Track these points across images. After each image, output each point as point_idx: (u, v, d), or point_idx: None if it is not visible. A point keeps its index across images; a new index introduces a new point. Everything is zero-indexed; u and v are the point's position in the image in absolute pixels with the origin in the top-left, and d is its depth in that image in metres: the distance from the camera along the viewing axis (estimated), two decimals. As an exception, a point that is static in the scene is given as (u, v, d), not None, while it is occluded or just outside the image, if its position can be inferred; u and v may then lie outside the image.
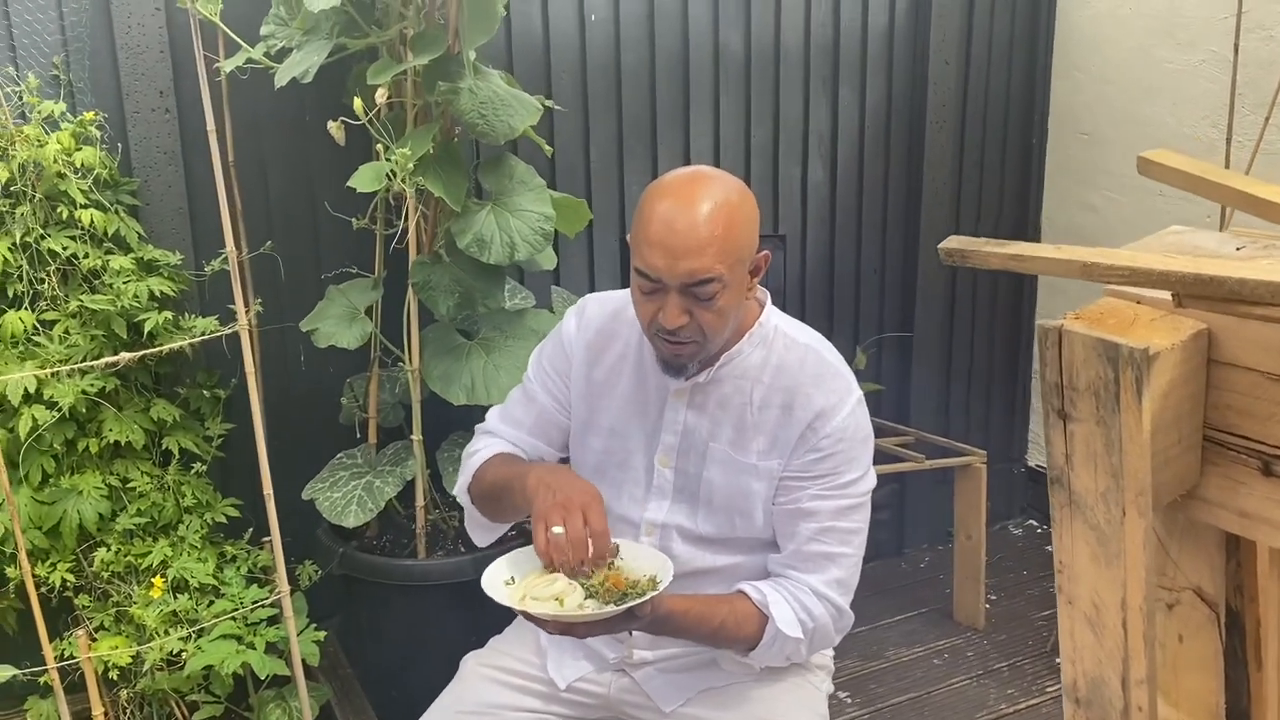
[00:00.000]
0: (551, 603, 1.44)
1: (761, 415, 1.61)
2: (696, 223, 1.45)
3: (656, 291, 1.49)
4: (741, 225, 1.49)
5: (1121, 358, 0.96)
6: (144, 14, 2.27)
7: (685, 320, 1.49)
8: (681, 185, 1.50)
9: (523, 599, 1.46)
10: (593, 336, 1.71)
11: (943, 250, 1.11)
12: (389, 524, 2.47)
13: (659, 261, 1.46)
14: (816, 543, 1.59)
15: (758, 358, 1.62)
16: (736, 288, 1.51)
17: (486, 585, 1.49)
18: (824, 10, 3.01)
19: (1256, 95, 2.72)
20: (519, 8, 2.62)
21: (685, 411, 1.64)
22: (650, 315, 1.52)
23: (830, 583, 1.60)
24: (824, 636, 1.63)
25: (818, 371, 1.60)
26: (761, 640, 1.58)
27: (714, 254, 1.45)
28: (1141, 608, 1.05)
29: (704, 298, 1.48)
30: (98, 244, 2.21)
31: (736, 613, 1.58)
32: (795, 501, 1.60)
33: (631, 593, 1.44)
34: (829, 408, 1.58)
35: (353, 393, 2.49)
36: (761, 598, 1.59)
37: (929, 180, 3.22)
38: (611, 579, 1.46)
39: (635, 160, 2.85)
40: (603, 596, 1.45)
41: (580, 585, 1.46)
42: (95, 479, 2.16)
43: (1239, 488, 1.03)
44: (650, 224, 1.47)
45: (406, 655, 2.38)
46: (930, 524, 3.51)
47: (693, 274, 1.45)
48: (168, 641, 2.06)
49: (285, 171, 2.51)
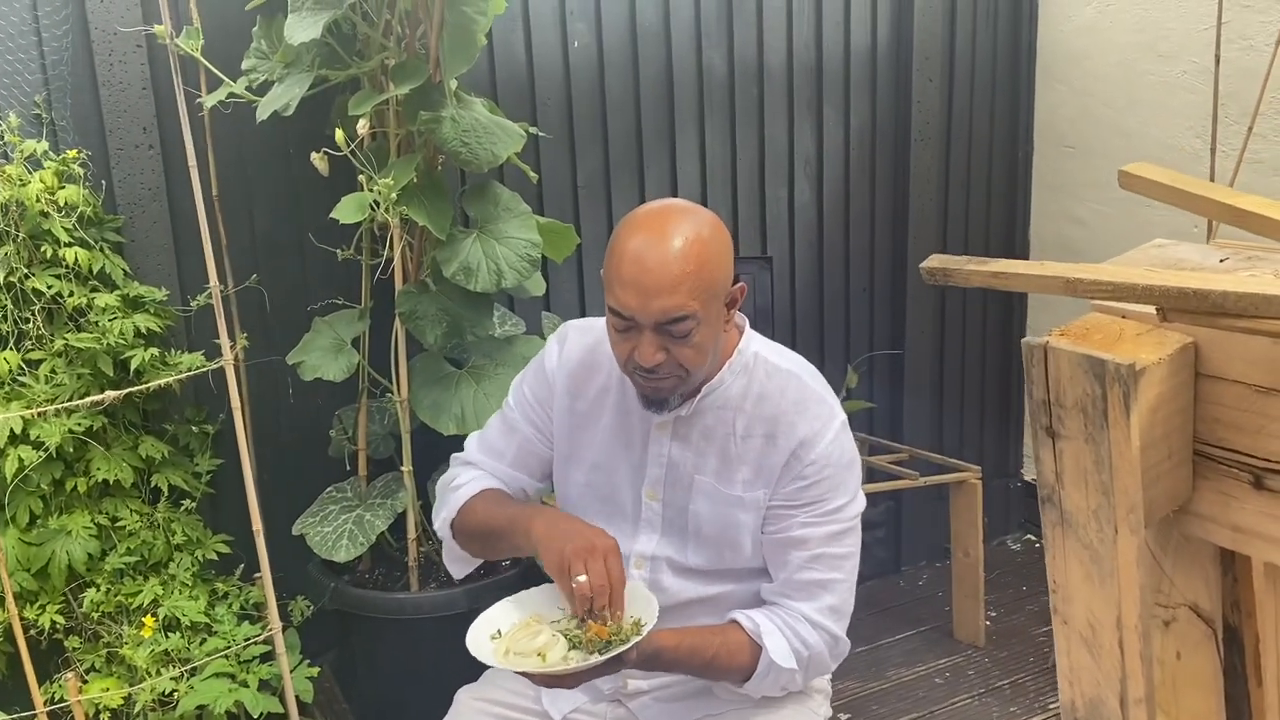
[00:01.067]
0: (534, 658, 1.43)
1: (745, 445, 1.59)
2: (668, 259, 1.42)
3: (631, 330, 1.47)
4: (714, 259, 1.47)
5: (1108, 373, 0.95)
6: (125, 50, 2.27)
7: (661, 358, 1.47)
8: (652, 221, 1.47)
9: (506, 654, 1.45)
10: (575, 367, 1.68)
11: (924, 270, 1.11)
12: (381, 557, 2.45)
13: (631, 300, 1.44)
14: (808, 570, 1.57)
15: (739, 387, 1.60)
16: (712, 322, 1.49)
17: (472, 645, 1.47)
18: (806, 31, 3.01)
19: (1239, 105, 2.73)
20: (501, 36, 2.62)
21: (669, 444, 1.62)
22: (626, 353, 1.50)
23: (824, 610, 1.58)
24: (819, 664, 1.61)
25: (799, 398, 1.58)
26: (756, 671, 1.57)
27: (687, 291, 1.43)
28: (1137, 626, 1.04)
29: (679, 335, 1.46)
30: (83, 282, 2.20)
31: (729, 644, 1.56)
32: (785, 530, 1.58)
33: (615, 639, 1.43)
34: (812, 435, 1.56)
35: (341, 425, 2.48)
36: (755, 627, 1.57)
37: (915, 198, 3.22)
38: (594, 628, 1.44)
39: (622, 184, 2.85)
40: (587, 646, 1.43)
41: (564, 637, 1.45)
42: (84, 518, 2.14)
43: (1231, 502, 1.02)
44: (622, 262, 1.45)
45: (401, 689, 2.36)
46: (927, 541, 3.50)
47: (666, 312, 1.43)
48: (159, 681, 2.04)
49: (270, 204, 2.51)
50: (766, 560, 1.63)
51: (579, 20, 2.71)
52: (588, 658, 1.41)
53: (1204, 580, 1.12)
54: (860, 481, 1.63)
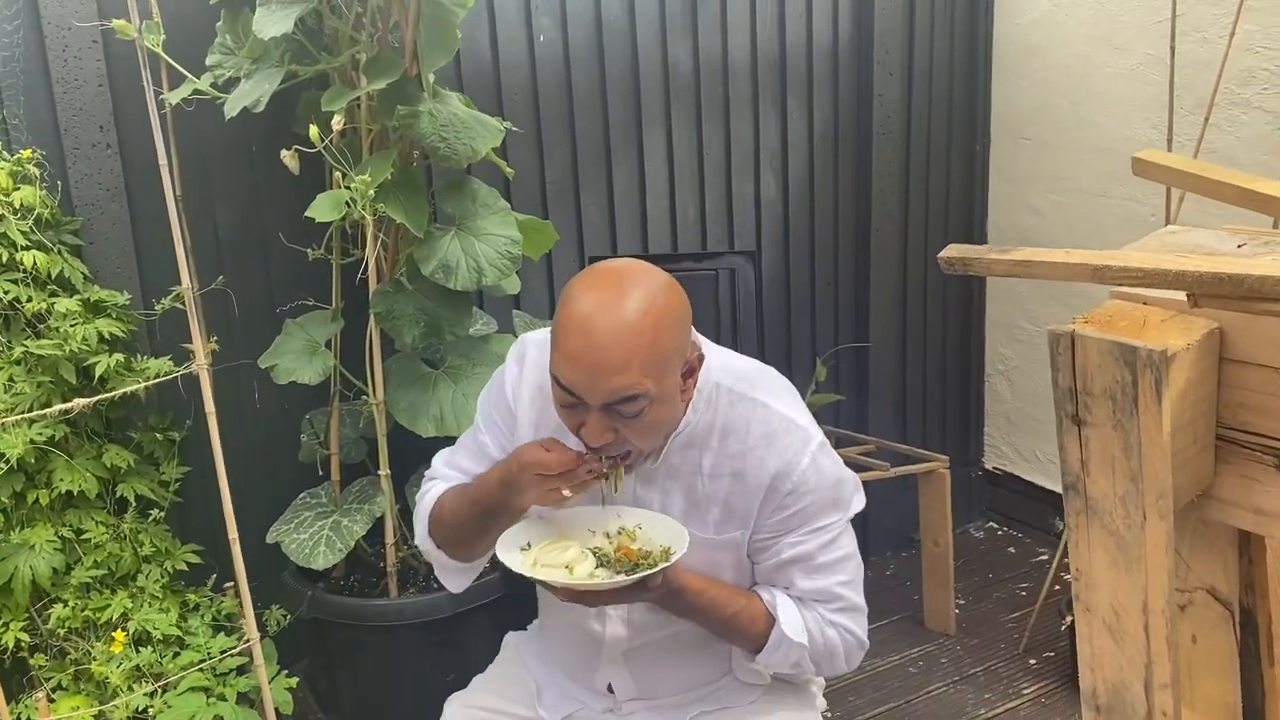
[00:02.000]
0: (561, 570, 1.42)
1: (713, 485, 1.51)
2: (617, 336, 1.31)
3: (577, 406, 1.37)
4: (669, 331, 1.36)
5: (1139, 360, 0.95)
6: (80, 46, 2.19)
7: (610, 438, 1.37)
8: (602, 289, 1.36)
9: (534, 564, 1.44)
10: (534, 391, 1.57)
11: (943, 260, 1.10)
12: (357, 563, 2.40)
13: (579, 379, 1.34)
14: (812, 580, 1.55)
15: (704, 424, 1.51)
16: (667, 399, 1.39)
17: (500, 551, 1.45)
18: (769, 26, 3.01)
19: (1194, 96, 2.78)
20: (467, 30, 2.58)
21: (634, 485, 1.54)
22: (573, 426, 1.40)
23: (838, 610, 1.57)
24: (833, 659, 1.59)
25: (766, 430, 1.49)
26: (768, 642, 1.55)
27: (638, 369, 1.32)
28: (1164, 611, 1.04)
29: (629, 414, 1.35)
30: (41, 286, 2.12)
31: (751, 608, 1.54)
32: (777, 554, 1.54)
33: (644, 563, 1.42)
34: (784, 467, 1.48)
35: (313, 429, 2.42)
36: (772, 600, 1.55)
37: (878, 191, 3.24)
38: (624, 549, 1.43)
39: (591, 179, 2.83)
40: (614, 566, 1.42)
41: (592, 554, 1.44)
42: (47, 531, 2.07)
43: (1254, 485, 1.03)
44: (568, 335, 1.34)
45: (382, 698, 2.31)
46: (893, 532, 3.52)
47: (615, 393, 1.33)
48: (133, 698, 1.97)
49: (234, 204, 2.44)
50: (768, 580, 1.58)
51: (544, 15, 2.68)
52: (614, 576, 1.39)
53: (1221, 564, 1.13)
54: (855, 490, 1.58)
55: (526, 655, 1.80)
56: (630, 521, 1.51)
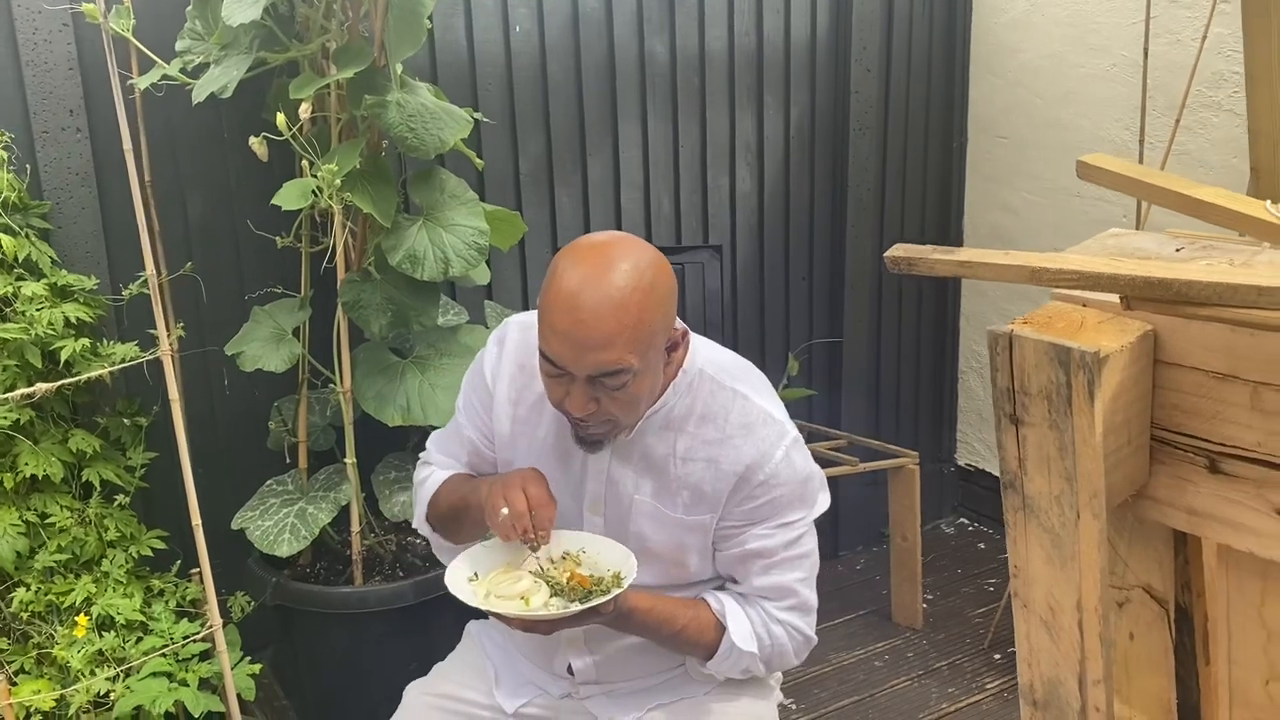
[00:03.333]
0: (517, 601, 1.44)
1: (685, 468, 1.54)
2: (603, 313, 1.34)
3: (562, 377, 1.41)
4: (655, 308, 1.39)
5: (1073, 361, 0.97)
6: (50, 29, 2.18)
7: (593, 409, 1.41)
8: (588, 263, 1.38)
9: (487, 596, 1.46)
10: (515, 370, 1.61)
11: (889, 259, 1.11)
12: (323, 550, 2.40)
13: (564, 352, 1.37)
14: (768, 576, 1.57)
15: (682, 407, 1.54)
16: (650, 372, 1.43)
17: (451, 585, 1.47)
18: (747, 19, 3.02)
19: (1166, 98, 2.80)
20: (442, 20, 2.58)
21: (609, 461, 1.56)
22: (558, 398, 1.44)
23: (789, 609, 1.59)
24: (783, 657, 1.62)
25: (745, 421, 1.53)
26: (718, 651, 1.58)
27: (623, 345, 1.35)
28: (1097, 609, 1.06)
29: (613, 387, 1.39)
30: (8, 270, 2.11)
31: (699, 619, 1.57)
32: (741, 544, 1.56)
33: (596, 590, 1.45)
34: (759, 457, 1.51)
35: (280, 416, 2.42)
36: (721, 609, 1.58)
37: (854, 187, 3.26)
38: (576, 577, 1.47)
39: (565, 171, 2.83)
40: (568, 594, 1.45)
41: (545, 583, 1.47)
42: (11, 515, 2.06)
43: (1187, 486, 1.05)
44: (554, 308, 1.36)
45: (345, 685, 2.32)
46: (864, 527, 3.54)
47: (600, 366, 1.36)
48: (94, 682, 1.97)
49: (204, 190, 2.44)
50: (725, 572, 1.62)
51: (520, 6, 2.68)
52: (568, 605, 1.43)
53: (1157, 562, 1.15)
54: (821, 488, 1.60)
55: (486, 644, 1.82)
56: (574, 545, 1.54)
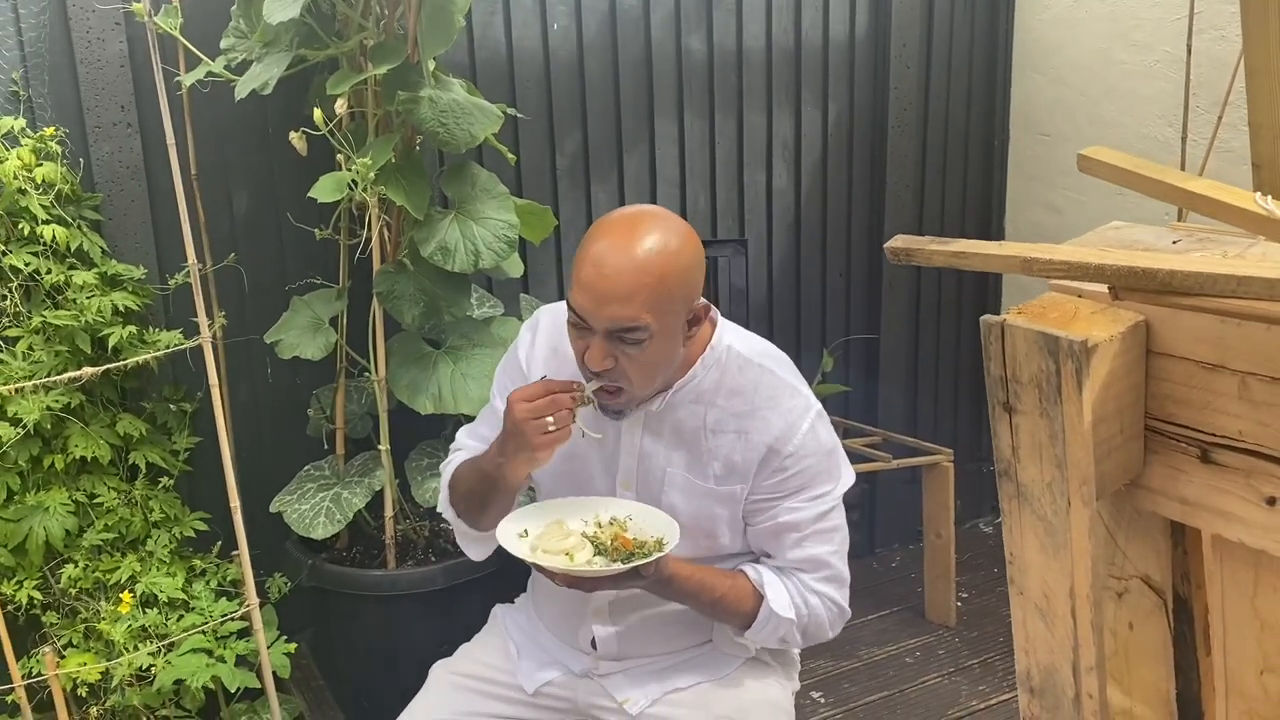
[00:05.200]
0: (562, 557, 1.49)
1: (716, 440, 1.61)
2: (625, 270, 1.43)
3: (585, 331, 1.49)
4: (677, 274, 1.47)
5: (1061, 350, 0.98)
6: (104, 29, 2.27)
7: (610, 364, 1.48)
8: (619, 227, 1.48)
9: (534, 551, 1.52)
10: (547, 354, 1.69)
11: (889, 249, 1.14)
12: (359, 535, 2.47)
13: (586, 303, 1.46)
14: (801, 549, 1.62)
15: (711, 380, 1.61)
16: (668, 338, 1.50)
17: (500, 536, 1.54)
18: (785, 18, 3.03)
19: (1210, 94, 2.77)
20: (481, 18, 2.63)
21: (641, 436, 1.64)
22: (580, 352, 1.52)
23: (824, 580, 1.64)
24: (819, 628, 1.66)
25: (772, 392, 1.60)
26: (756, 619, 1.62)
27: (641, 303, 1.44)
28: (1089, 596, 1.07)
29: (630, 344, 1.47)
30: (60, 259, 2.20)
31: (738, 588, 1.62)
32: (773, 518, 1.62)
33: (638, 553, 1.50)
34: (786, 429, 1.58)
35: (319, 404, 2.49)
36: (759, 578, 1.62)
37: (892, 184, 3.25)
38: (621, 539, 1.52)
39: (601, 167, 2.87)
40: (611, 555, 1.51)
41: (590, 543, 1.52)
42: (61, 495, 2.15)
43: (1179, 475, 1.05)
44: (583, 264, 1.46)
45: (378, 665, 2.38)
46: (900, 524, 3.54)
47: (616, 320, 1.45)
48: (137, 657, 2.05)
49: (248, 184, 2.51)
50: (758, 546, 1.67)
51: (559, 3, 2.72)
52: (610, 565, 1.48)
53: (1155, 552, 1.15)
54: (844, 462, 1.67)
55: (510, 626, 1.86)
56: (621, 512, 1.60)
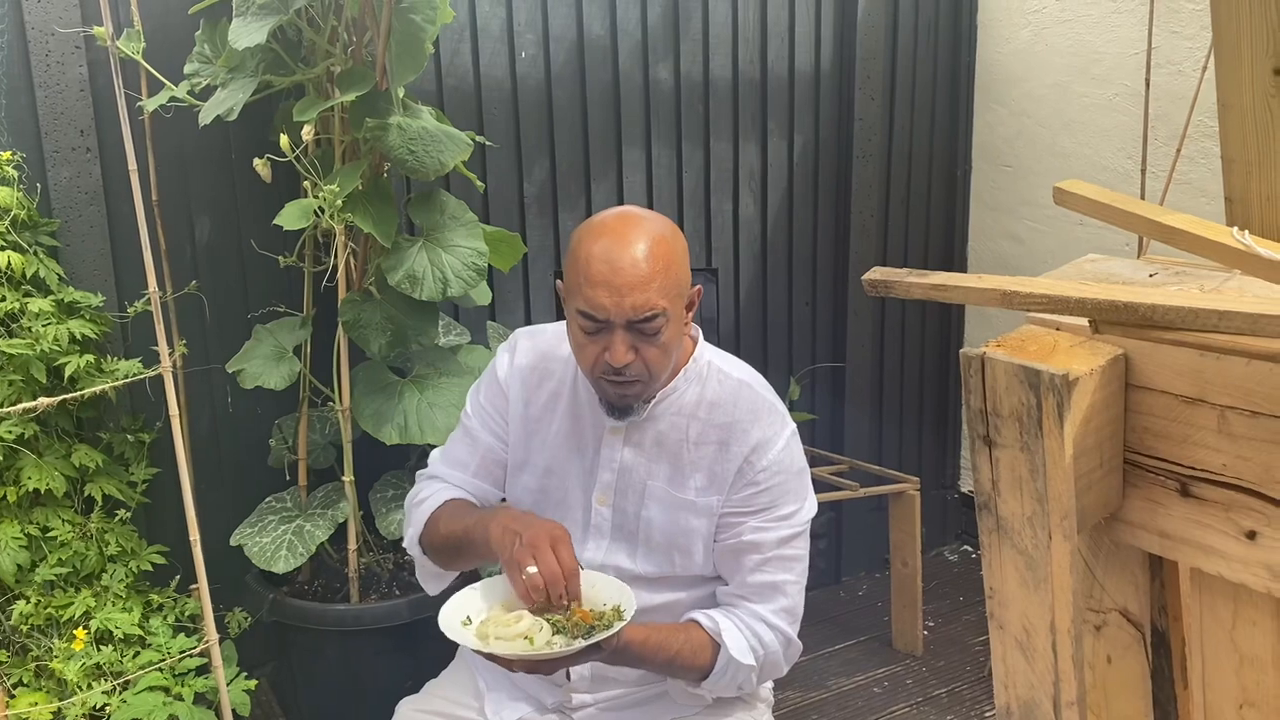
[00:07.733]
0: (521, 641, 1.44)
1: (698, 452, 1.62)
2: (637, 259, 1.47)
3: (601, 331, 1.50)
4: (678, 260, 1.52)
5: (1043, 383, 0.98)
6: (64, 52, 2.23)
7: (632, 358, 1.50)
8: (615, 225, 1.51)
9: (487, 640, 1.45)
10: (526, 374, 1.70)
11: (866, 281, 1.13)
12: (321, 568, 2.42)
13: (605, 299, 1.47)
14: (761, 573, 1.61)
15: (693, 394, 1.63)
16: (677, 322, 1.54)
17: (448, 631, 1.47)
18: (751, 49, 3.05)
19: (1168, 128, 2.81)
20: (449, 45, 2.62)
21: (622, 449, 1.64)
22: (594, 356, 1.52)
23: (778, 611, 1.62)
24: (774, 666, 1.64)
25: (753, 406, 1.62)
26: (714, 669, 1.59)
27: (657, 289, 1.47)
28: (1070, 630, 1.06)
29: (649, 333, 1.49)
30: (15, 286, 2.15)
31: (692, 641, 1.59)
32: (737, 536, 1.61)
33: (598, 625, 1.45)
34: (764, 441, 1.60)
35: (281, 434, 2.45)
36: (714, 625, 1.59)
37: (857, 213, 3.27)
38: (578, 613, 1.47)
39: (569, 194, 2.86)
40: (570, 631, 1.45)
41: (546, 621, 1.46)
42: (13, 529, 2.09)
43: (1159, 509, 1.05)
44: (590, 264, 1.48)
45: (341, 702, 2.33)
46: (867, 552, 3.54)
47: (638, 309, 1.47)
48: (90, 695, 1.99)
49: (211, 210, 2.48)
50: (719, 566, 1.65)
51: (527, 31, 2.72)
52: (571, 643, 1.42)
53: (1133, 585, 1.15)
54: (810, 489, 1.67)
55: (478, 662, 1.82)
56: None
